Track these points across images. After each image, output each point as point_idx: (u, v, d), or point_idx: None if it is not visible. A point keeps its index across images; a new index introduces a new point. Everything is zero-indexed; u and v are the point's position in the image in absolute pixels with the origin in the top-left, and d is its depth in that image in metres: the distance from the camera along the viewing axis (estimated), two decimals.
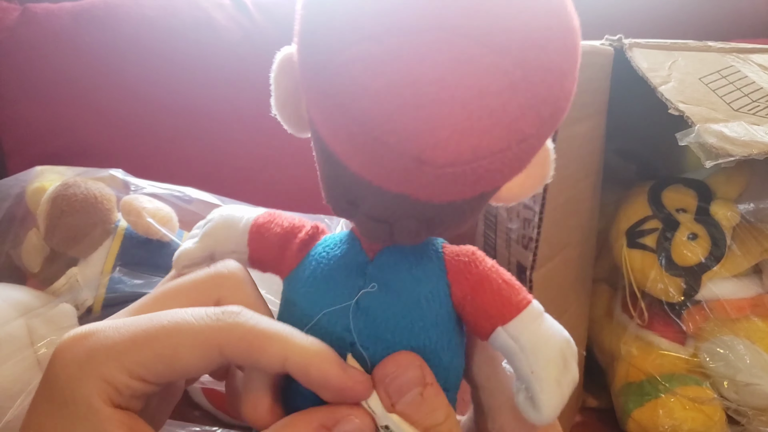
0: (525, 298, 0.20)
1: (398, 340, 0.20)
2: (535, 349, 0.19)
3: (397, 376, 0.19)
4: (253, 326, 0.19)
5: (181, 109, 0.71)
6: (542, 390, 0.19)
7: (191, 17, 0.74)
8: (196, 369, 0.19)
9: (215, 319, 0.19)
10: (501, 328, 0.20)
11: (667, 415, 0.43)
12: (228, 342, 0.19)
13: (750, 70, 0.46)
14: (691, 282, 0.44)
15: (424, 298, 0.20)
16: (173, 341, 0.19)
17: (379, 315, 0.20)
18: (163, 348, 0.19)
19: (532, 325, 0.20)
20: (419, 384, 0.20)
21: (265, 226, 0.23)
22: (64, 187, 0.45)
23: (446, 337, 0.21)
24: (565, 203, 0.41)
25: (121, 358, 0.18)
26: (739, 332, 0.43)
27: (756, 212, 0.45)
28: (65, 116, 0.68)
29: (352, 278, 0.21)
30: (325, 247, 0.22)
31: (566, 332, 0.20)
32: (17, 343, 0.40)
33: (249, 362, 0.19)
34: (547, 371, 0.19)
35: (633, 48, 0.43)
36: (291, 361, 0.19)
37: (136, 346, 0.19)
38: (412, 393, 0.19)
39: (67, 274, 0.44)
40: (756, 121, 0.39)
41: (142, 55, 0.71)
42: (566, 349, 0.20)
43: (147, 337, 0.19)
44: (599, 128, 0.46)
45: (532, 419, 0.20)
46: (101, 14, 0.72)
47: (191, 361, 0.19)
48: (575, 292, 0.46)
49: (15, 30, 0.70)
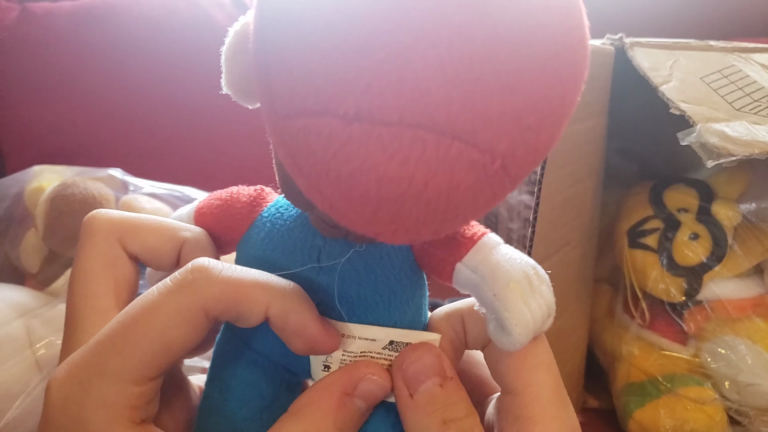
0: (478, 232, 0.20)
1: (363, 296, 0.20)
2: (494, 273, 0.19)
3: (413, 362, 0.19)
4: (228, 277, 0.18)
5: (180, 109, 0.71)
6: (506, 309, 0.18)
7: (190, 16, 0.74)
8: (190, 340, 0.18)
9: (187, 281, 0.18)
10: (460, 264, 0.19)
11: (668, 415, 0.43)
12: (209, 301, 0.18)
13: (752, 69, 0.46)
14: (692, 282, 0.44)
15: (386, 254, 0.20)
16: (156, 327, 0.17)
17: (344, 274, 0.20)
18: (150, 342, 0.17)
19: (489, 253, 0.19)
20: (438, 374, 0.19)
21: (206, 205, 0.24)
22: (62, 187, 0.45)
23: (410, 290, 0.21)
24: (564, 202, 0.41)
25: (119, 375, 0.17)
26: (741, 332, 0.43)
27: (758, 212, 0.45)
28: (64, 116, 0.68)
29: (311, 238, 0.20)
30: (279, 208, 0.22)
31: (531, 260, 0.20)
32: (16, 344, 0.40)
33: (234, 315, 0.18)
34: (509, 290, 0.18)
35: (634, 47, 0.43)
36: (273, 307, 0.18)
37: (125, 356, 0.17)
38: (430, 382, 0.19)
39: (65, 274, 0.44)
40: (758, 121, 0.39)
41: (141, 55, 0.71)
42: (530, 271, 0.19)
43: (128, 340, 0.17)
44: (600, 128, 0.46)
45: (504, 346, 0.19)
46: (100, 14, 0.72)
47: (183, 335, 0.18)
48: (576, 291, 0.46)
49: (14, 29, 0.70)
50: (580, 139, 0.41)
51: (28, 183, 0.47)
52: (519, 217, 0.56)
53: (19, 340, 0.40)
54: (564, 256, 0.43)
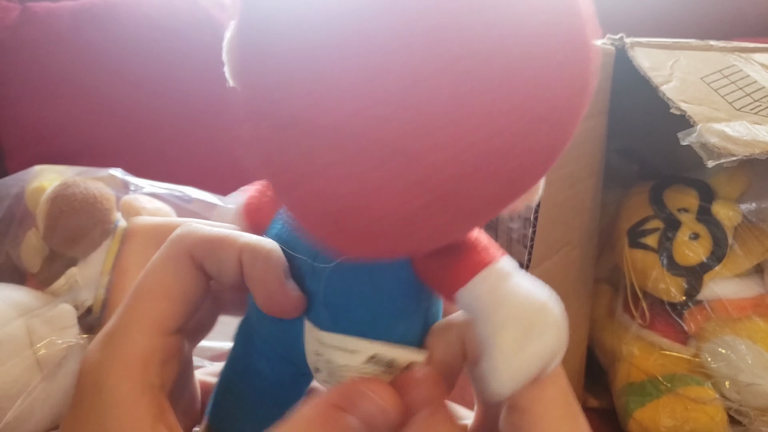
0: (487, 257, 0.18)
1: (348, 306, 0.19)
2: (494, 308, 0.17)
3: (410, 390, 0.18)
4: (209, 229, 0.20)
5: (181, 109, 0.71)
6: (494, 352, 0.17)
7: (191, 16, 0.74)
8: (187, 287, 0.20)
9: (175, 235, 0.20)
10: (462, 290, 0.18)
11: (668, 415, 0.43)
12: (192, 246, 0.20)
13: (752, 69, 0.46)
14: (692, 282, 0.44)
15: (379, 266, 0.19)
16: (154, 279, 0.20)
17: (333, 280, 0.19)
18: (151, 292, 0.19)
19: (496, 285, 0.17)
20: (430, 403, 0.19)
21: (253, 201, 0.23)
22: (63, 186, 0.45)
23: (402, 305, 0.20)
24: (564, 202, 0.41)
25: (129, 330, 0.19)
26: (741, 332, 0.43)
27: (758, 212, 0.45)
28: (65, 115, 0.68)
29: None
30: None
31: (544, 295, 0.18)
32: (16, 344, 0.40)
33: (216, 261, 0.20)
34: (503, 331, 0.17)
35: (634, 47, 0.43)
36: (245, 252, 0.19)
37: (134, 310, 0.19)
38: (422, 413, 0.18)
39: (66, 274, 0.44)
40: (758, 121, 0.39)
41: (142, 55, 0.71)
42: (536, 313, 0.17)
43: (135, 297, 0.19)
44: (600, 128, 0.46)
45: (487, 391, 0.17)
46: (101, 13, 0.72)
47: (178, 281, 0.19)
48: (575, 291, 0.46)
49: (15, 29, 0.70)
50: (580, 139, 0.41)
51: (28, 182, 0.47)
52: (519, 217, 0.56)
53: (19, 340, 0.40)
54: (564, 256, 0.43)
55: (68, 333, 0.41)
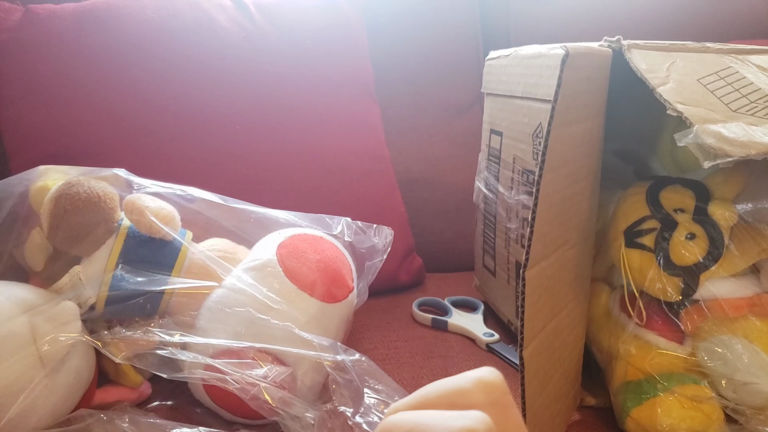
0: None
1: None
2: None
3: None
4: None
5: (183, 110, 0.71)
6: None
7: (193, 18, 0.74)
8: None
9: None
10: None
11: (665, 413, 0.43)
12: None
13: (748, 71, 0.46)
14: (689, 281, 0.45)
15: None
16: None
17: None
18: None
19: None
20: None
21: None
22: (67, 186, 0.45)
23: None
24: (561, 202, 0.41)
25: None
26: (737, 331, 0.44)
27: (754, 212, 0.45)
28: (67, 117, 0.68)
29: None
30: None
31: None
32: (20, 341, 0.40)
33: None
34: None
35: (632, 49, 0.44)
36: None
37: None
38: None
39: (70, 272, 0.45)
40: (754, 122, 0.40)
41: (144, 56, 0.72)
42: None
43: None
44: (598, 129, 0.46)
45: None
46: (103, 15, 0.72)
47: None
48: (573, 291, 0.46)
49: (17, 31, 0.70)
50: (578, 141, 0.42)
51: (33, 182, 0.47)
52: (517, 217, 0.57)
53: (22, 337, 0.41)
54: (561, 256, 0.43)
55: (71, 329, 0.41)
